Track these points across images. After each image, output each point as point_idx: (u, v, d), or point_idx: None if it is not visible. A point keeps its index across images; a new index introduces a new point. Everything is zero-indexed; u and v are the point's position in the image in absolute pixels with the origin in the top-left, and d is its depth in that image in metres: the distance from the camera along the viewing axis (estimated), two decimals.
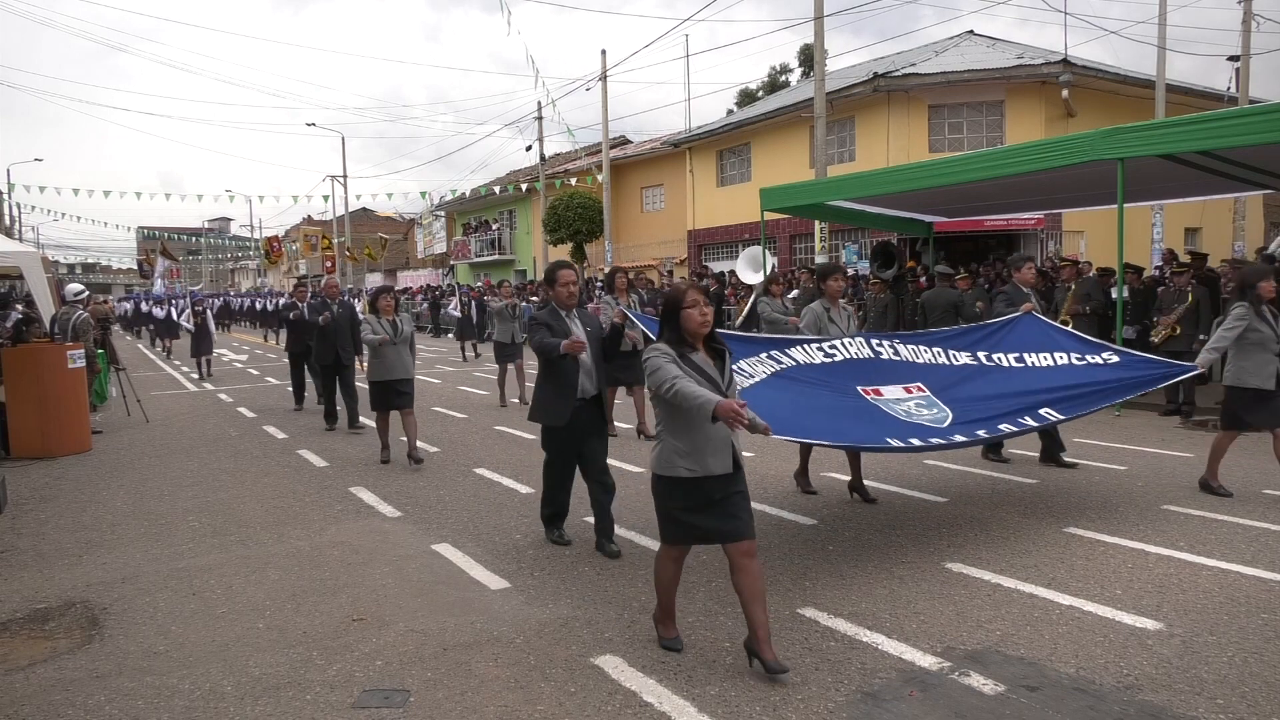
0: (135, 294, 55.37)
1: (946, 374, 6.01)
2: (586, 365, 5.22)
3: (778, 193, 13.90)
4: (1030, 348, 6.39)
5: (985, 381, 6.04)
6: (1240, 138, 8.08)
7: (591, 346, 5.24)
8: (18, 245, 15.00)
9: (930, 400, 5.65)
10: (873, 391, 5.52)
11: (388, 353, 8.01)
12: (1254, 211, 20.31)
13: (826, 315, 6.37)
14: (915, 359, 6.06)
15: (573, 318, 5.35)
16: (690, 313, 3.63)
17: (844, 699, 3.41)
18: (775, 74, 43.72)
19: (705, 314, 3.64)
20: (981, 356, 6.30)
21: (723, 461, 3.61)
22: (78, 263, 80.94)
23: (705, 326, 3.65)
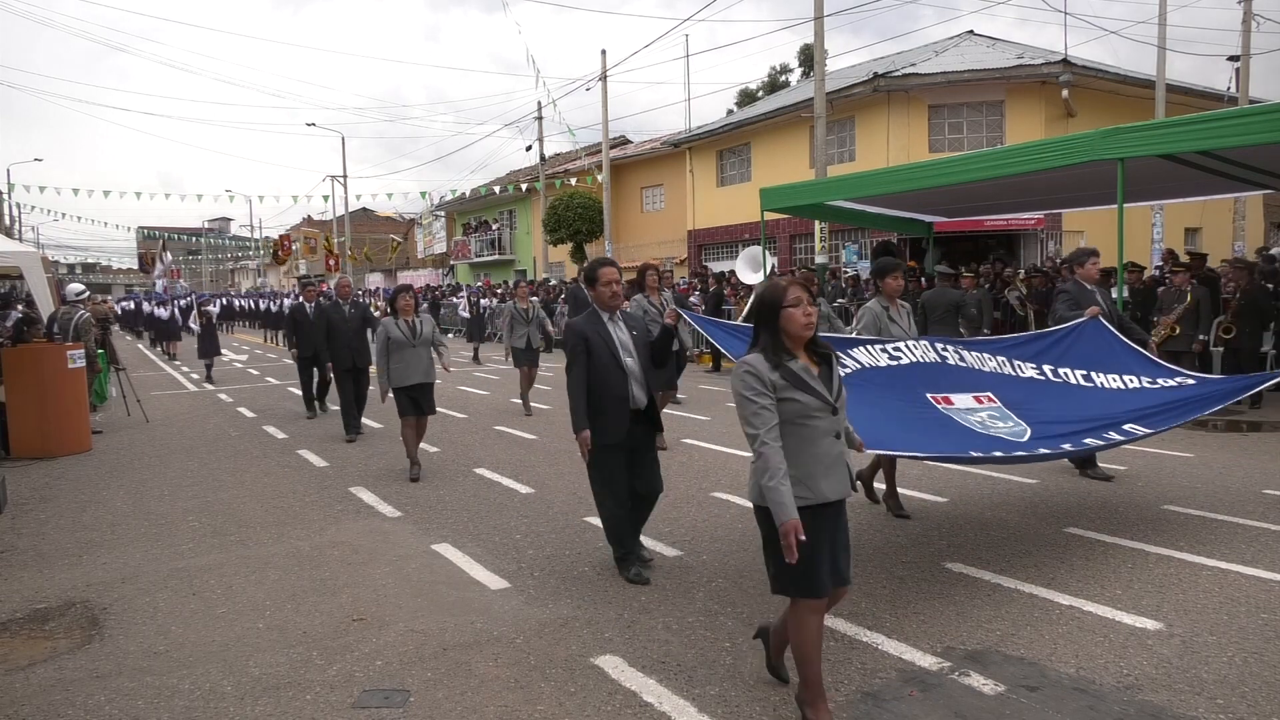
0: (135, 294, 55.38)
1: (1014, 387, 5.62)
2: (635, 372, 4.71)
3: (778, 193, 13.90)
4: (1098, 366, 5.96)
5: (1057, 400, 5.63)
6: (1240, 138, 8.08)
7: (639, 352, 4.76)
8: (18, 245, 15.01)
9: (1003, 413, 5.27)
10: (943, 400, 5.12)
11: (407, 355, 7.54)
12: (1254, 211, 20.32)
13: (886, 315, 5.84)
14: (981, 366, 5.63)
15: (616, 322, 4.79)
16: (793, 314, 3.10)
17: (844, 699, 3.41)
18: (775, 74, 43.73)
19: (810, 314, 3.12)
20: (1047, 370, 5.90)
21: (838, 484, 3.13)
22: (78, 263, 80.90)
23: (809, 329, 3.13)
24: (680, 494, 6.79)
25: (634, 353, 4.74)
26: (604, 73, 25.12)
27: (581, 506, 6.49)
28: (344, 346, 9.71)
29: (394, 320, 7.64)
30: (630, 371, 4.69)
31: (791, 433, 3.06)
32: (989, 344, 6.08)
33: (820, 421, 3.08)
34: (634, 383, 4.70)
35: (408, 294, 7.89)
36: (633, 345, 4.75)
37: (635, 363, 4.72)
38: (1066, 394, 5.75)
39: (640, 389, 4.72)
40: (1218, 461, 7.46)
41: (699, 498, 6.65)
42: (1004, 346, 6.04)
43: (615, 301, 4.76)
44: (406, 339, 7.54)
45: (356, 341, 9.74)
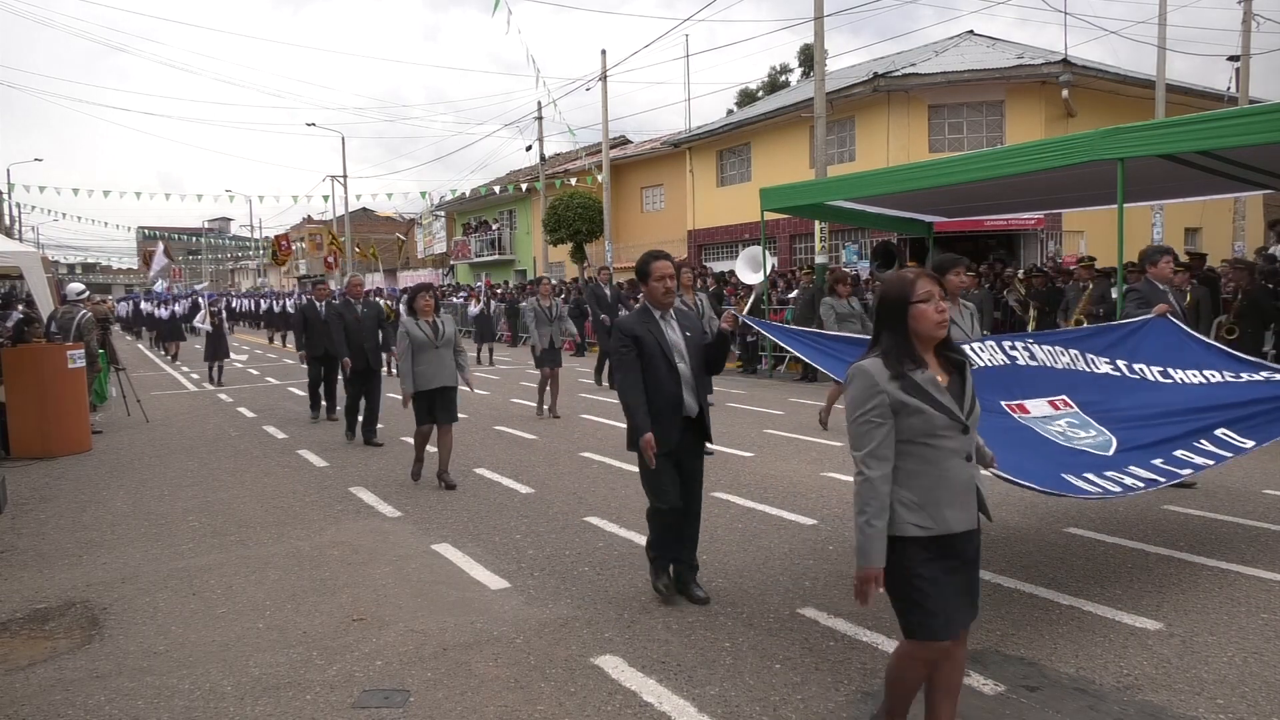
0: (135, 294, 55.30)
1: (1090, 385, 5.21)
2: (687, 378, 4.37)
3: (778, 193, 13.89)
4: (1174, 361, 5.53)
5: (1135, 397, 5.21)
6: (1240, 138, 8.07)
7: (693, 355, 4.41)
8: (18, 245, 15.00)
9: (1082, 420, 4.87)
10: (1018, 408, 4.70)
11: (429, 358, 7.13)
12: (1254, 211, 20.31)
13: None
14: (1053, 363, 5.21)
15: (669, 321, 4.42)
16: (924, 311, 2.67)
17: (844, 699, 3.41)
18: (775, 74, 43.74)
19: (943, 311, 2.71)
20: (1122, 365, 5.48)
21: (966, 513, 2.74)
22: (78, 263, 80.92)
23: (943, 329, 2.71)
24: None
25: (687, 356, 4.38)
26: (604, 73, 25.12)
27: (581, 506, 6.50)
28: (355, 347, 9.38)
29: (414, 321, 7.25)
30: (683, 376, 4.35)
31: (913, 453, 2.66)
32: (1058, 337, 5.64)
33: (949, 441, 2.67)
34: (686, 388, 4.35)
35: (428, 293, 7.48)
36: (685, 348, 4.40)
37: (688, 367, 4.38)
38: (1144, 390, 5.32)
39: (692, 395, 4.37)
40: None
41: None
42: (1073, 339, 5.61)
43: (669, 299, 4.39)
44: (429, 340, 7.15)
45: (369, 342, 9.45)
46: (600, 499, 6.70)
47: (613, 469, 7.79)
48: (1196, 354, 5.66)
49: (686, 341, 4.42)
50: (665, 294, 4.36)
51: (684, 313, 4.53)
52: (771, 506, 6.32)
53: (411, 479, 7.41)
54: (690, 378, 4.38)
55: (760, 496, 6.57)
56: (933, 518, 2.67)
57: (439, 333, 7.22)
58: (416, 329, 7.17)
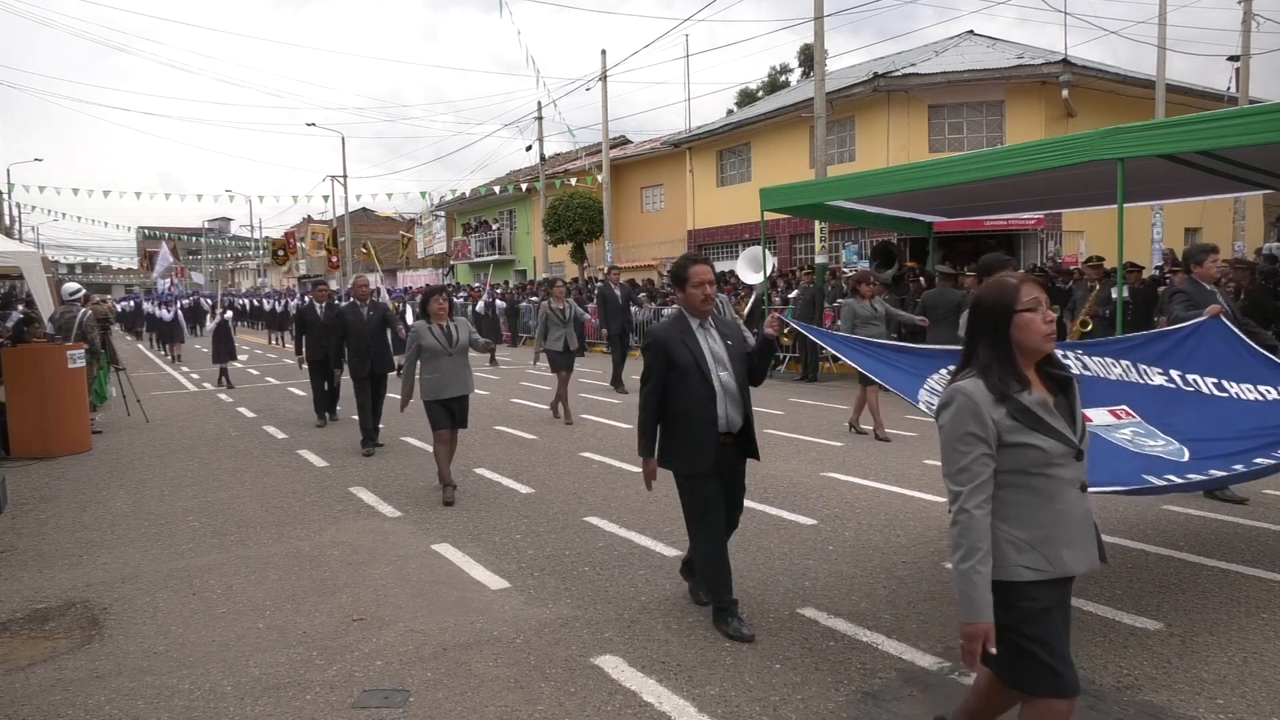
0: (135, 294, 55.28)
1: (1146, 397, 4.95)
2: (731, 390, 4.02)
3: (778, 193, 13.90)
4: (1229, 373, 5.18)
5: (1195, 412, 4.91)
6: (1240, 138, 8.07)
7: (735, 366, 4.06)
8: (18, 245, 15.00)
9: (1148, 429, 4.62)
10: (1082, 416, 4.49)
11: (443, 365, 6.71)
12: (1254, 211, 20.32)
13: None
14: (1107, 374, 4.96)
15: (707, 329, 4.08)
16: (1031, 320, 2.33)
17: (844, 699, 3.41)
18: (775, 74, 43.75)
19: (1050, 321, 2.37)
20: (1175, 377, 5.17)
21: (1085, 553, 2.40)
22: (78, 263, 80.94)
23: (1051, 341, 2.38)
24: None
25: (729, 366, 4.04)
26: (604, 73, 25.12)
27: (581, 506, 6.50)
28: (362, 351, 8.94)
29: (427, 325, 6.82)
30: (724, 388, 4.01)
31: (1025, 485, 2.33)
32: (1108, 347, 5.32)
33: (1063, 470, 2.34)
34: (728, 402, 4.02)
35: (441, 296, 7.00)
36: (728, 358, 4.04)
37: (731, 378, 4.03)
38: (1203, 405, 5.01)
39: (735, 409, 4.05)
40: None
41: None
42: (1125, 348, 5.30)
43: (707, 306, 4.04)
44: (441, 347, 6.73)
45: (376, 346, 9.00)
46: (600, 499, 6.71)
47: (613, 469, 7.80)
48: (1251, 366, 5.29)
49: (728, 351, 4.07)
50: (704, 301, 4.03)
51: (724, 320, 4.20)
52: (771, 506, 6.32)
53: (444, 504, 6.65)
54: (735, 390, 4.04)
55: (760, 496, 6.57)
56: (1048, 558, 2.34)
57: (452, 339, 6.81)
58: (429, 335, 6.76)
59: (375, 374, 9.02)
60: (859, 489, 6.67)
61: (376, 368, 9.02)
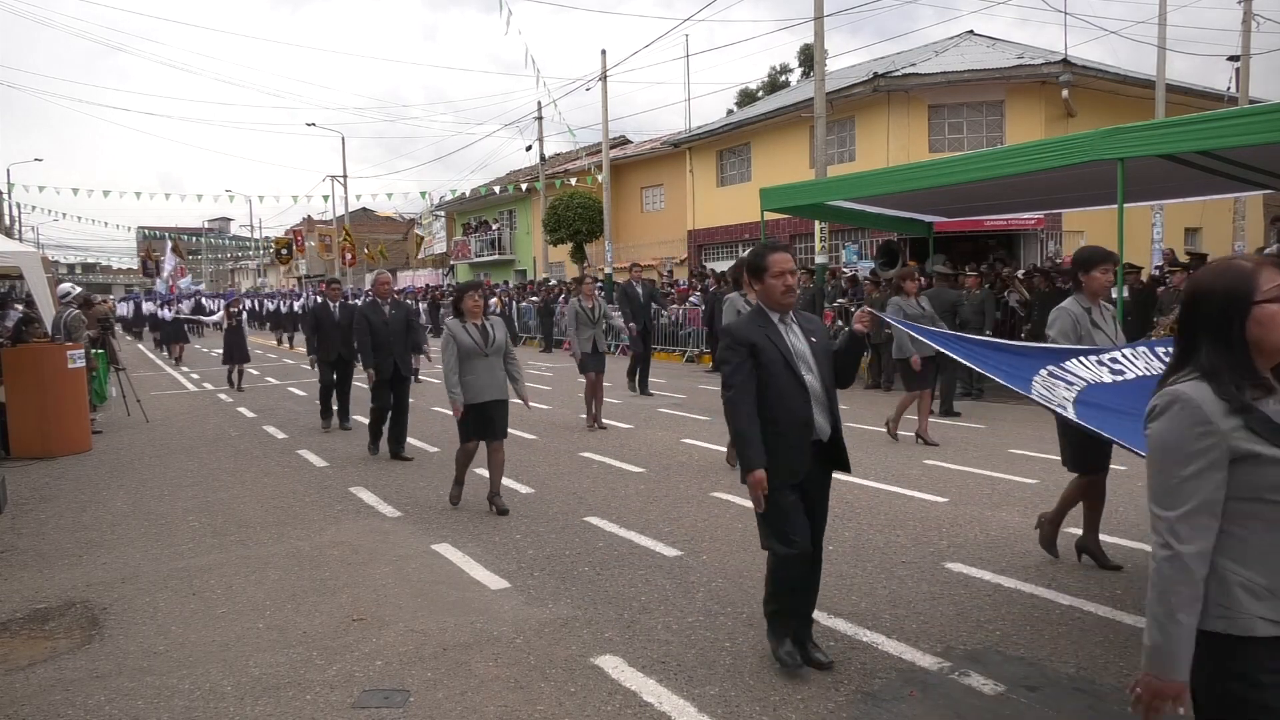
0: (135, 294, 55.21)
1: None
2: (817, 393, 3.62)
3: (778, 193, 13.90)
4: None
5: None
6: (1240, 138, 8.08)
7: (821, 366, 3.67)
8: (18, 245, 15.00)
9: None
10: None
11: (478, 367, 6.27)
12: (1254, 211, 20.31)
13: (1088, 318, 4.77)
14: None
15: (789, 325, 3.68)
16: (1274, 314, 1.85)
17: (844, 699, 3.41)
18: (775, 74, 43.75)
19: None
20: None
21: None
22: (78, 263, 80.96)
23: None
24: (680, 494, 6.80)
25: (815, 367, 3.64)
26: (604, 73, 25.11)
27: (581, 506, 6.50)
28: (385, 353, 8.45)
29: (461, 324, 6.36)
30: (812, 391, 3.61)
31: (1264, 515, 1.83)
32: None
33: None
34: (817, 406, 3.62)
35: (476, 293, 6.54)
36: (812, 357, 3.65)
37: (817, 380, 3.64)
38: None
39: (824, 414, 3.65)
40: None
41: (699, 498, 6.65)
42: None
43: (790, 298, 3.65)
44: (477, 347, 6.27)
45: (399, 346, 8.52)
46: (600, 499, 6.71)
47: (613, 469, 7.80)
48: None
49: (812, 349, 3.67)
50: (785, 293, 3.62)
51: (806, 315, 3.83)
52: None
53: (450, 503, 6.61)
54: (821, 393, 3.64)
55: None
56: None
57: (489, 339, 6.36)
58: (464, 334, 6.29)
59: (399, 375, 8.55)
60: (859, 489, 6.67)
61: (402, 369, 8.56)
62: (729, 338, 3.67)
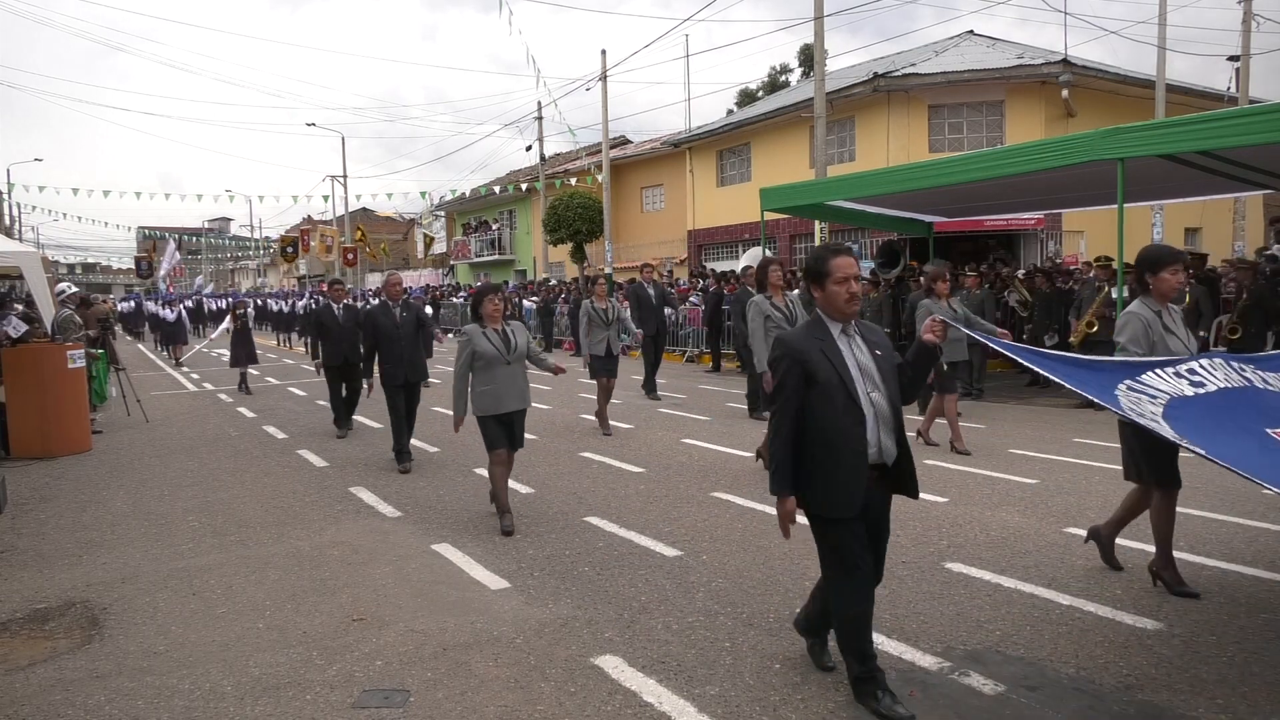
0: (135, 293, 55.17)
1: None
2: (883, 412, 3.27)
3: (778, 193, 13.91)
4: None
5: None
6: (1240, 138, 8.09)
7: (887, 381, 3.31)
8: (18, 245, 15.00)
9: None
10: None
11: (499, 375, 5.86)
12: (1254, 211, 20.32)
13: (1159, 322, 4.46)
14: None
15: (852, 337, 3.33)
16: None
17: (844, 699, 3.41)
18: (775, 74, 43.76)
19: None
20: None
21: None
22: (78, 263, 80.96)
23: None
24: (680, 494, 6.80)
25: (880, 383, 3.28)
26: (604, 73, 25.12)
27: (581, 506, 6.50)
28: (396, 357, 8.03)
29: (480, 329, 5.97)
30: (877, 410, 3.26)
31: None
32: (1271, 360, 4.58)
33: None
34: (881, 427, 3.27)
35: (496, 295, 6.08)
36: (878, 372, 3.29)
37: (883, 397, 3.28)
38: None
39: (890, 435, 3.30)
40: None
41: (699, 498, 6.65)
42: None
43: (854, 307, 3.30)
44: (498, 354, 5.86)
45: (410, 351, 8.09)
46: (600, 499, 6.71)
47: (613, 469, 7.80)
48: None
49: (877, 363, 3.30)
50: (849, 301, 3.27)
51: (869, 325, 3.46)
52: (772, 506, 6.29)
53: (502, 533, 5.81)
54: (887, 412, 3.29)
55: (761, 496, 6.57)
56: None
57: (510, 345, 5.94)
58: (484, 340, 5.88)
59: (410, 382, 8.11)
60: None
61: (411, 375, 8.09)
62: (781, 348, 3.34)
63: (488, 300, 6.01)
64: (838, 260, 3.29)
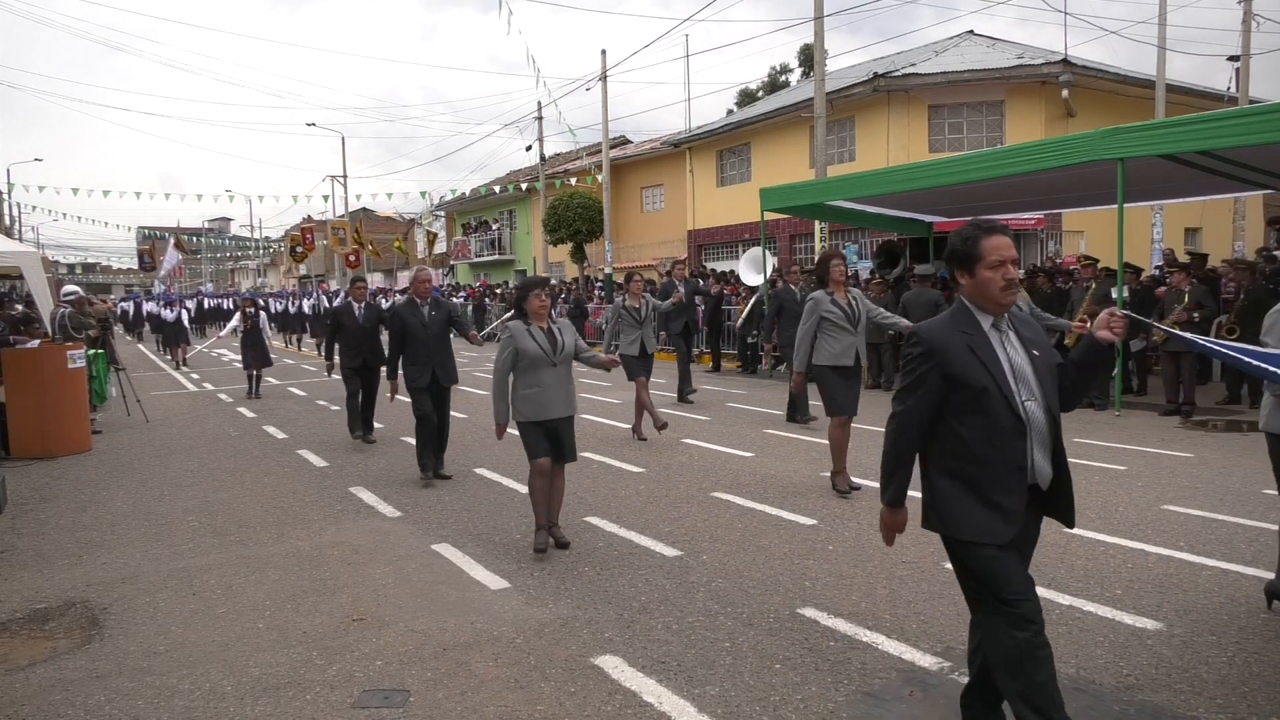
0: (136, 294, 55.15)
1: None
2: (1038, 423, 2.73)
3: (778, 193, 13.92)
4: None
5: None
6: (1240, 138, 8.10)
7: (1046, 388, 2.76)
8: (18, 245, 15.00)
9: None
10: None
11: (544, 378, 5.31)
12: (1254, 211, 20.30)
13: None
14: None
15: (1004, 333, 2.79)
16: None
17: (844, 699, 3.41)
18: (775, 74, 43.75)
19: None
20: None
21: None
22: (78, 263, 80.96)
23: None
24: (680, 494, 6.80)
25: (1037, 390, 2.74)
26: (604, 73, 25.11)
27: (581, 506, 6.49)
28: (422, 358, 7.47)
29: (525, 328, 5.38)
30: (1034, 422, 2.72)
31: None
32: None
33: None
34: (1037, 442, 2.73)
35: (543, 290, 5.48)
36: (1034, 375, 2.75)
37: (1040, 407, 2.74)
38: None
39: (1044, 453, 2.76)
40: (1218, 461, 7.46)
41: (699, 498, 6.65)
42: None
43: (1010, 297, 2.74)
44: (545, 355, 5.31)
45: (439, 352, 7.53)
46: (600, 499, 6.71)
47: (613, 469, 7.80)
48: None
49: (1034, 365, 2.77)
50: (1006, 289, 2.72)
51: (1022, 318, 2.88)
52: (771, 506, 6.32)
53: (535, 551, 5.35)
54: (1044, 424, 2.75)
55: (760, 496, 6.57)
56: None
57: (558, 345, 5.39)
58: (529, 340, 5.33)
59: (438, 384, 7.53)
60: (859, 489, 6.67)
61: (442, 378, 7.54)
62: (918, 342, 2.79)
63: (533, 296, 5.42)
64: (991, 240, 2.73)
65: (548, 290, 5.54)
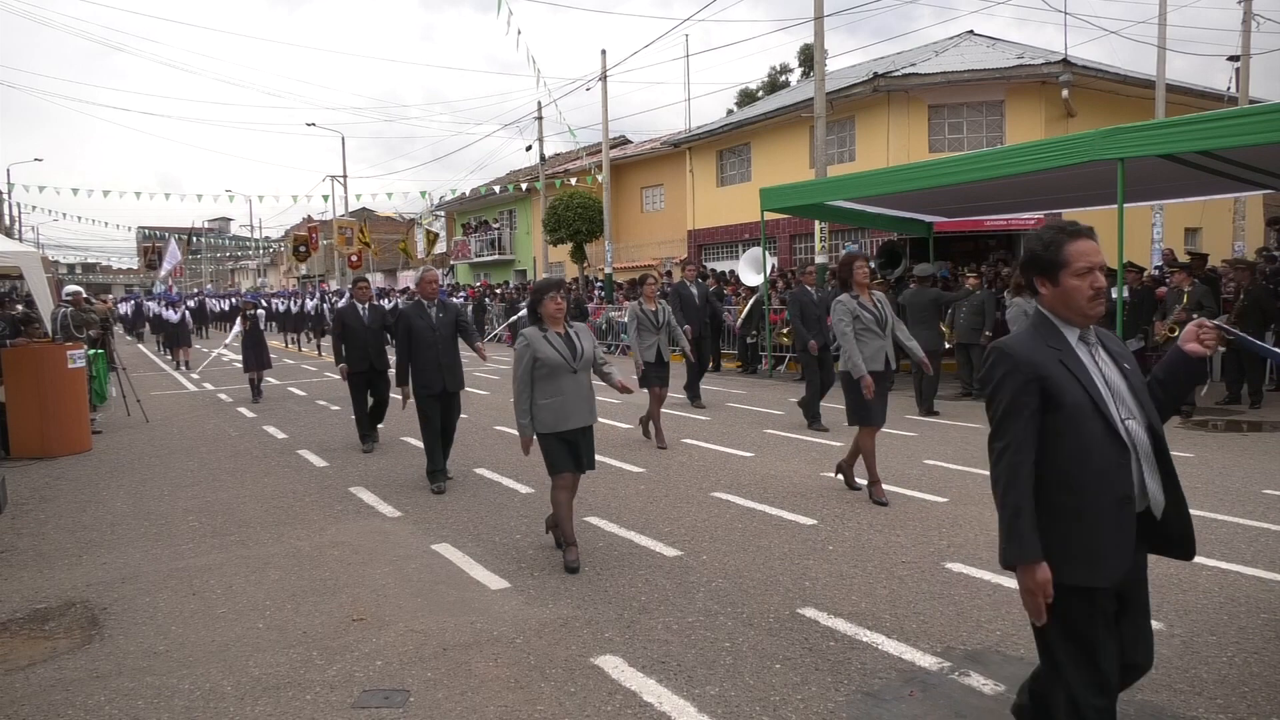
0: (136, 293, 55.13)
1: None
2: (1143, 444, 2.43)
3: (778, 193, 13.92)
4: None
5: None
6: (1240, 138, 8.09)
7: (1144, 405, 2.49)
8: (18, 245, 14.98)
9: None
10: None
11: (564, 386, 5.07)
12: (1254, 211, 20.32)
13: None
14: None
15: (1093, 346, 2.51)
16: None
17: (844, 699, 3.41)
18: (775, 74, 43.76)
19: None
20: None
21: None
22: (78, 263, 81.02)
23: None
24: (680, 494, 6.80)
25: (1136, 408, 2.46)
26: (604, 73, 25.11)
27: (582, 506, 6.49)
28: (431, 363, 7.14)
29: (541, 333, 5.13)
30: (1138, 444, 2.42)
31: None
32: None
33: None
34: (1146, 465, 2.44)
35: (558, 292, 5.23)
36: (1130, 392, 2.47)
37: (1142, 426, 2.45)
38: None
39: (1154, 477, 2.45)
40: (1218, 461, 7.46)
41: (699, 498, 6.65)
42: None
43: (1099, 307, 2.46)
44: (564, 362, 5.07)
45: (447, 356, 7.20)
46: (600, 499, 6.71)
47: (613, 469, 7.79)
48: None
49: (1128, 380, 2.49)
50: (1094, 299, 2.44)
51: (1106, 332, 2.60)
52: (771, 506, 6.32)
53: (567, 570, 5.02)
54: (1148, 445, 2.45)
55: (760, 496, 6.58)
56: None
57: (576, 351, 5.14)
58: (546, 346, 5.08)
59: (447, 390, 7.23)
60: (859, 489, 6.67)
61: (449, 384, 7.23)
62: (1008, 362, 2.45)
63: (548, 299, 5.15)
64: (1077, 245, 2.44)
65: (563, 292, 5.28)
